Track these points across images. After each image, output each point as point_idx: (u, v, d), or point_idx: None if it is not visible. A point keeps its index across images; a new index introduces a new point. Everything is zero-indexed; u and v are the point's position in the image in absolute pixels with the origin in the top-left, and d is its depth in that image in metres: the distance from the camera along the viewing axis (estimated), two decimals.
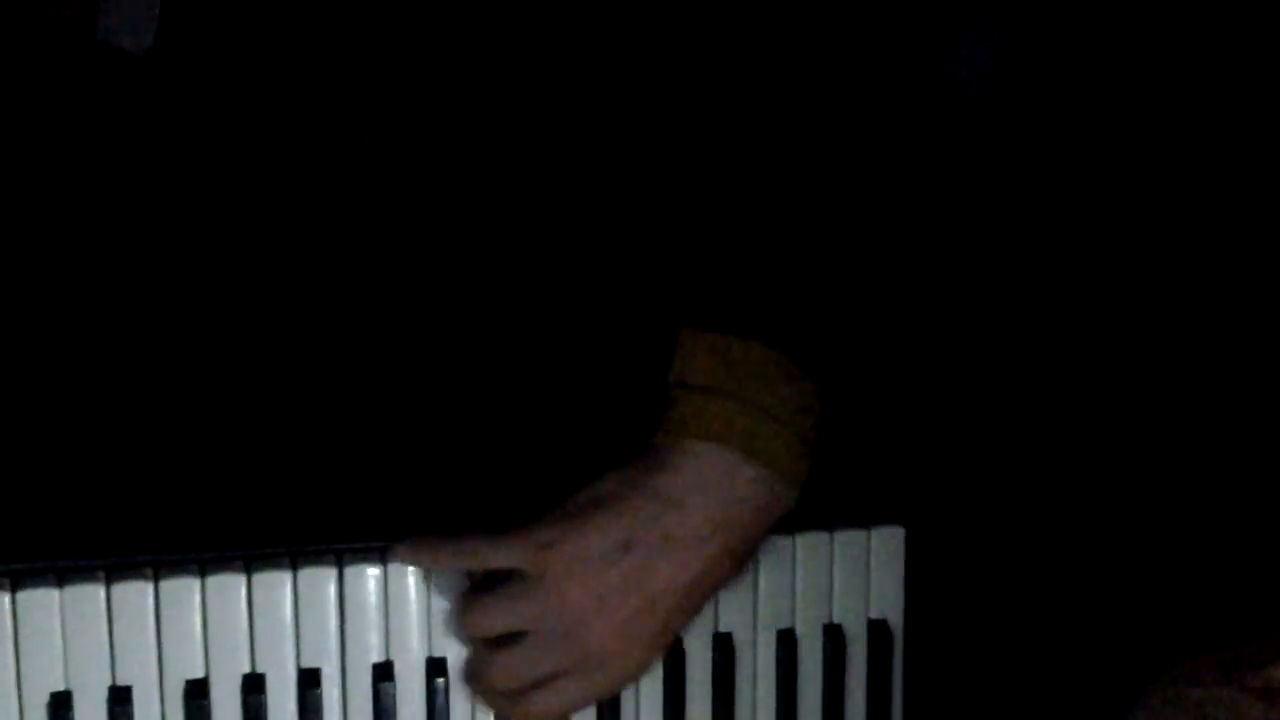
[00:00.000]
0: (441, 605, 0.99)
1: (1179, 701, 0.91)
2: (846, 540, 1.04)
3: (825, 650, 1.04)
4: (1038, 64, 1.06)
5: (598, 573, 0.92)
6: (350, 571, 0.98)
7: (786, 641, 1.03)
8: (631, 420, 0.96)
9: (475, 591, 0.97)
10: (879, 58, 0.96)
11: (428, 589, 0.99)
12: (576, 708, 0.97)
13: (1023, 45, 1.05)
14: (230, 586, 0.96)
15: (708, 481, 0.93)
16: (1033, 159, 1.07)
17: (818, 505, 1.04)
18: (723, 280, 0.94)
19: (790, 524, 1.03)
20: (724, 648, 1.02)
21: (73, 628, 0.94)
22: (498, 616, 0.95)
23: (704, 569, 0.93)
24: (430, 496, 0.99)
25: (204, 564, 0.96)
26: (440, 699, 0.99)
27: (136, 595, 0.95)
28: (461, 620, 0.97)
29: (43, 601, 0.94)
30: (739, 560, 0.95)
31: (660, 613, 0.93)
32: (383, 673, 0.99)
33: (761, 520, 0.95)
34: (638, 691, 1.01)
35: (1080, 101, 1.06)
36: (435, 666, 0.99)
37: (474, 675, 0.98)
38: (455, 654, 0.99)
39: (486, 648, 0.96)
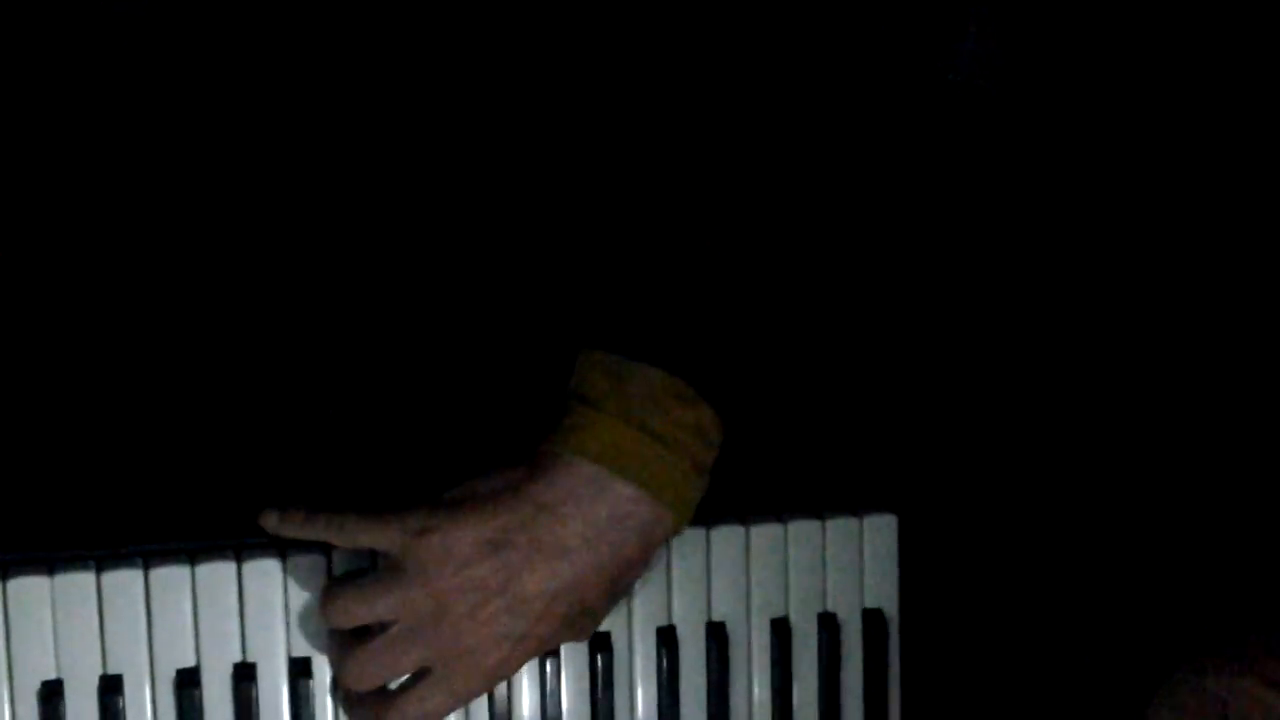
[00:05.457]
0: None
1: (1199, 692, 0.91)
2: (839, 528, 1.04)
3: (820, 639, 1.03)
4: (1039, 58, 1.06)
5: (465, 566, 0.91)
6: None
7: (781, 630, 1.03)
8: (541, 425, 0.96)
9: (336, 584, 0.95)
10: (876, 54, 0.97)
11: None
12: (440, 714, 0.94)
13: (1023, 40, 1.06)
14: (221, 575, 0.96)
15: (579, 495, 0.92)
16: (1033, 152, 1.08)
17: (809, 493, 1.05)
18: (629, 300, 0.94)
19: (782, 511, 1.03)
20: (718, 636, 1.02)
21: (64, 616, 0.95)
22: (361, 603, 0.93)
23: (573, 579, 0.92)
24: (416, 485, 0.99)
25: (194, 553, 0.97)
26: None
27: (127, 584, 0.95)
28: (322, 612, 0.94)
29: (34, 590, 0.94)
30: (612, 577, 0.94)
31: (526, 616, 0.92)
32: None
33: (639, 541, 0.94)
34: (632, 680, 1.01)
35: (1080, 95, 1.07)
36: None
37: (337, 681, 0.97)
38: None
39: (346, 644, 0.94)
